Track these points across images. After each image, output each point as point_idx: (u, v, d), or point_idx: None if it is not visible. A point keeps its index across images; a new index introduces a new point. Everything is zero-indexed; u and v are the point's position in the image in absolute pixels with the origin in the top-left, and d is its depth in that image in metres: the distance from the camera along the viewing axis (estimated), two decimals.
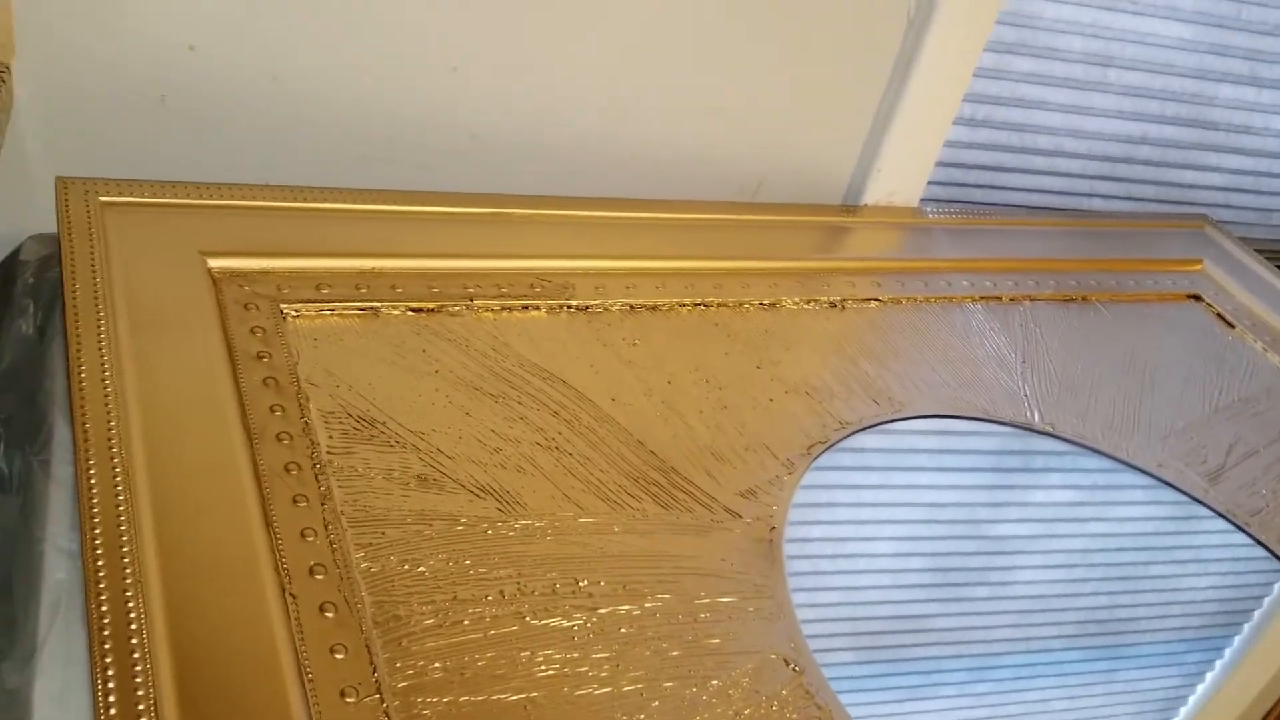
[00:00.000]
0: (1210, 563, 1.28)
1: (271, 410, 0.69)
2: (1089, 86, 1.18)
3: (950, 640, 1.18)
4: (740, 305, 0.94)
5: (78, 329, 0.68)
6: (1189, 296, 1.16)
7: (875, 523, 1.16)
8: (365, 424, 0.72)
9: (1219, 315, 1.14)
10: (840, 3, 1.02)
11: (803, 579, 1.11)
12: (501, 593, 0.64)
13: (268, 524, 0.62)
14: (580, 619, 0.65)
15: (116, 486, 0.61)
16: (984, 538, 1.20)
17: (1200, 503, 0.87)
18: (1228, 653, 1.23)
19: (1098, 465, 0.92)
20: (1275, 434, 0.98)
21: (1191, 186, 1.31)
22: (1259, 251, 1.26)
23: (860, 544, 1.15)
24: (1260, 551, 0.86)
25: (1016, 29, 1.11)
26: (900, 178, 1.12)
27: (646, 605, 0.67)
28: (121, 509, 0.60)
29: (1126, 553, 1.25)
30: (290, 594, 0.59)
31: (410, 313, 0.82)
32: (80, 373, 0.66)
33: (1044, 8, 1.11)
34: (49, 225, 0.77)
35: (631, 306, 0.90)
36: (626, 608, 0.66)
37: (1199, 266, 1.20)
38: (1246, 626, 1.25)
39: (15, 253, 0.81)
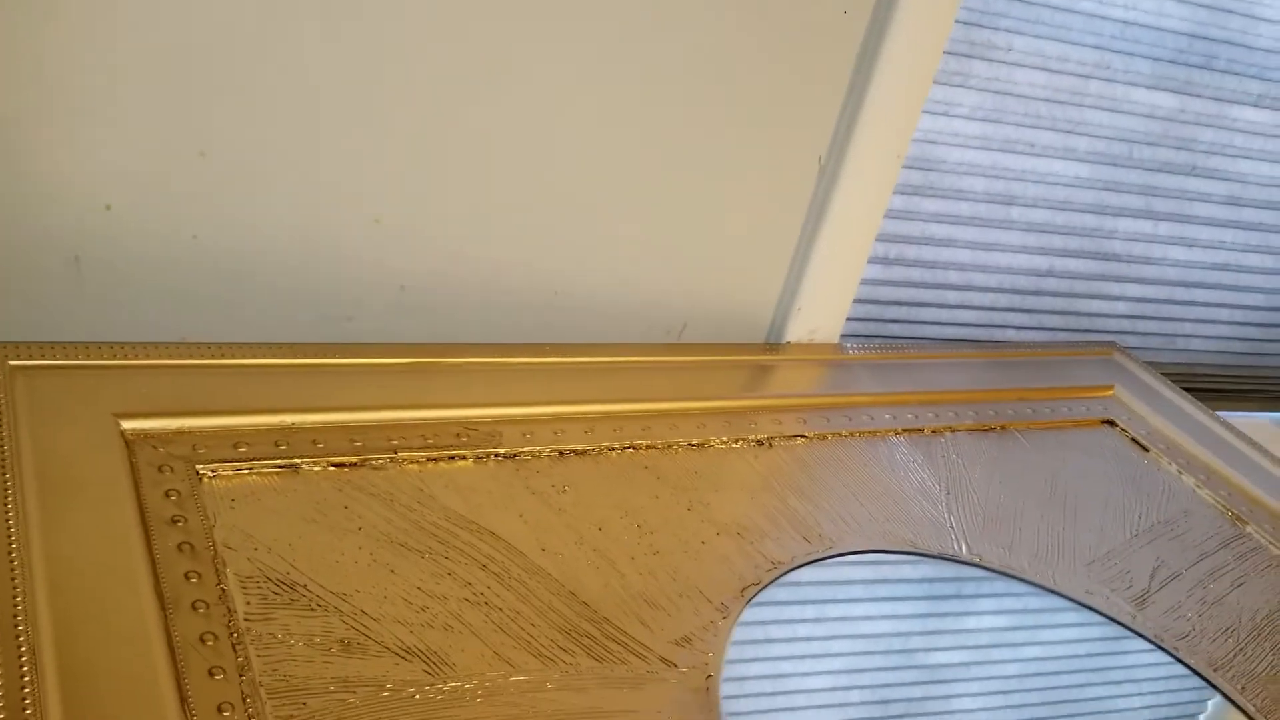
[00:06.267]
0: (1143, 682, 1.28)
1: (186, 577, 0.67)
2: (994, 224, 1.23)
3: None
4: (669, 447, 0.94)
5: None
6: (1103, 422, 1.19)
7: (813, 657, 1.15)
8: (285, 588, 0.69)
9: (1133, 440, 1.17)
10: (755, 149, 1.06)
11: (741, 718, 1.08)
12: None
13: (182, 700, 0.59)
14: None
15: (22, 665, 0.58)
16: (921, 667, 1.19)
17: (1131, 630, 0.88)
18: None
19: (1027, 590, 0.93)
20: (1195, 556, 1.00)
21: (1099, 315, 1.36)
22: (1166, 375, 1.30)
23: (799, 679, 1.14)
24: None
25: (924, 172, 1.16)
26: (820, 315, 1.15)
27: None
28: (27, 690, 0.57)
29: (1060, 676, 1.25)
30: None
31: (332, 468, 0.80)
32: None
33: (948, 152, 1.15)
34: None
35: (560, 452, 0.89)
36: None
37: (1110, 392, 1.24)
38: None
39: None
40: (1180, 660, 0.86)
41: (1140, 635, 0.88)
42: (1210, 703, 1.19)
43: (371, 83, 0.90)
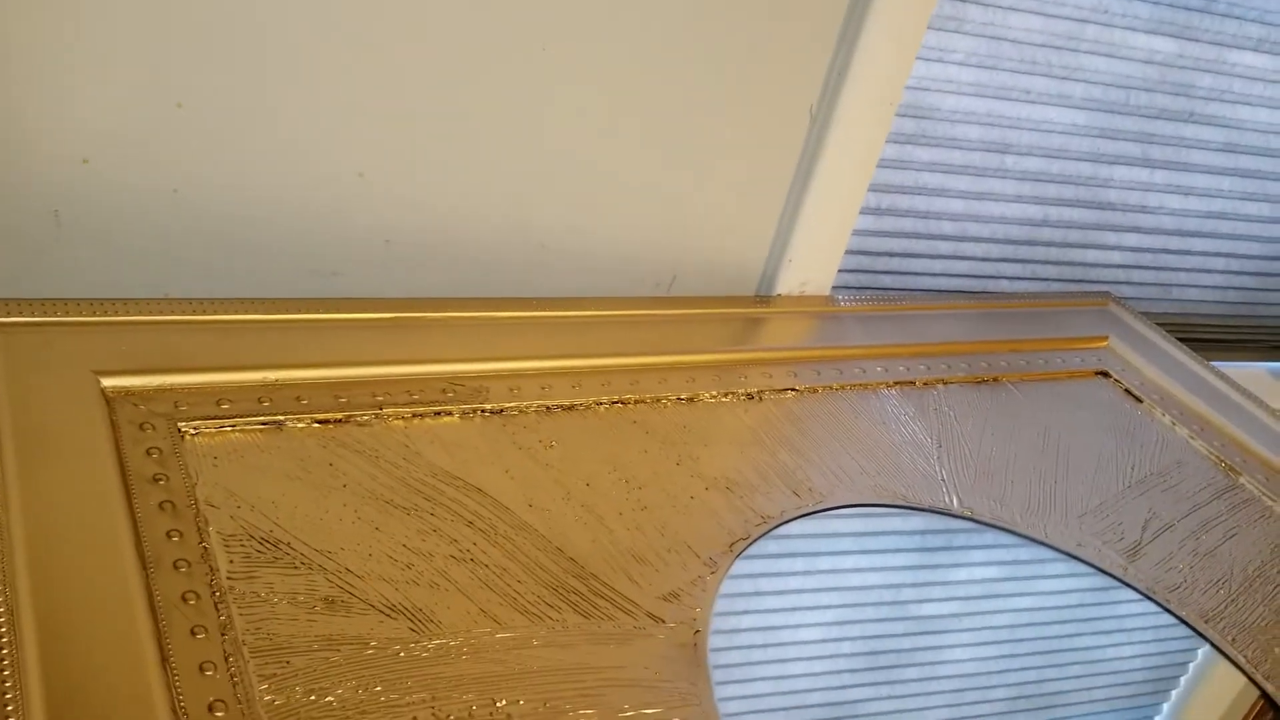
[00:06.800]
0: (1134, 632, 1.29)
1: (168, 536, 0.66)
2: (989, 173, 1.21)
3: None
4: (658, 401, 0.94)
5: None
6: (1097, 373, 1.19)
7: (803, 610, 1.15)
8: (268, 546, 0.69)
9: (1127, 391, 1.16)
10: (745, 99, 1.04)
11: (732, 670, 1.09)
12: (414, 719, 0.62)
13: (164, 660, 0.59)
14: None
15: (0, 625, 0.58)
16: (912, 618, 1.19)
17: (1123, 582, 0.88)
18: None
19: (1018, 542, 0.92)
20: (1188, 508, 0.99)
21: (1093, 265, 1.35)
22: (1161, 325, 1.29)
23: (789, 632, 1.14)
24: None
25: (916, 120, 1.14)
26: (811, 267, 1.13)
27: None
28: (5, 650, 0.57)
29: (1051, 627, 1.26)
30: None
31: (316, 425, 0.79)
32: None
33: (941, 99, 1.13)
34: None
35: (547, 408, 0.89)
36: None
37: (1105, 343, 1.23)
38: (1173, 693, 1.26)
39: None
40: (1171, 612, 0.85)
41: (1132, 587, 0.87)
42: (1200, 652, 1.20)
43: (355, 34, 0.88)
